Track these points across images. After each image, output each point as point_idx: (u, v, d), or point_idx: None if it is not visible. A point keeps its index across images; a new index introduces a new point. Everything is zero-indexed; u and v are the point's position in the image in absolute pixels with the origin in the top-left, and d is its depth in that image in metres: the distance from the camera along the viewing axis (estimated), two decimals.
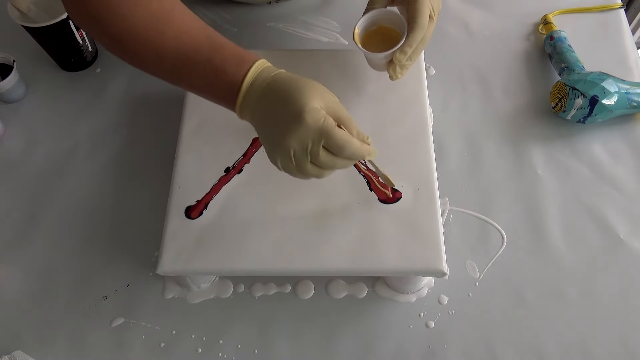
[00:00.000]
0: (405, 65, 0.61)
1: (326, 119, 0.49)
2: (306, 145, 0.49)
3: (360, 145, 0.51)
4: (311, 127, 0.48)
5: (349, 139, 0.50)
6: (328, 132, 0.48)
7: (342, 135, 0.49)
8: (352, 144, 0.50)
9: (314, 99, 0.49)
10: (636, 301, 0.64)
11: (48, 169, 0.74)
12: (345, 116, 0.51)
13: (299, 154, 0.49)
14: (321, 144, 0.49)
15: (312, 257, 0.58)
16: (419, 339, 0.62)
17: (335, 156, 0.50)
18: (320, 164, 0.50)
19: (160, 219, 0.61)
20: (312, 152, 0.49)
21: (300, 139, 0.49)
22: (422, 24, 0.58)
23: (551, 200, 0.70)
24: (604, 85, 0.70)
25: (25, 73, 0.80)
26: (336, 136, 0.49)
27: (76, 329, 0.64)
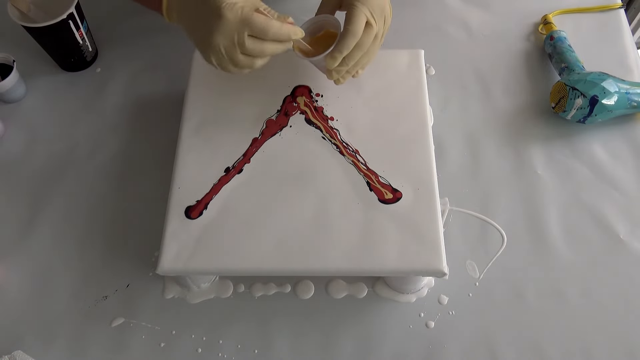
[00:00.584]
0: (339, 71, 0.61)
1: (243, 9, 0.53)
2: (232, 38, 0.53)
3: (282, 25, 0.55)
4: (231, 20, 0.52)
5: (269, 20, 0.54)
6: (248, 20, 0.53)
7: (262, 19, 0.53)
8: (273, 25, 0.54)
9: None
10: (636, 301, 0.64)
11: (48, 169, 0.74)
12: (262, 5, 0.55)
13: (228, 47, 0.54)
14: (245, 34, 0.53)
15: (312, 257, 0.58)
16: (419, 339, 0.62)
17: (261, 40, 0.54)
18: (250, 52, 0.55)
19: (160, 219, 0.61)
20: (239, 42, 0.54)
21: (226, 33, 0.53)
22: (353, 30, 0.57)
23: (551, 200, 0.70)
24: (604, 85, 0.70)
25: (25, 73, 0.80)
26: (256, 21, 0.53)
27: (76, 329, 0.64)
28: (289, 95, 0.68)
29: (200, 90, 0.69)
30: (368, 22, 0.59)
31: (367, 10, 0.58)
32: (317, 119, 0.66)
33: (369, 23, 0.59)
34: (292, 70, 0.70)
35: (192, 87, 0.69)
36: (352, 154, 0.64)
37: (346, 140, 0.65)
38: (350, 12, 0.58)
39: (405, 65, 0.70)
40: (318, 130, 0.66)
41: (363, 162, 0.63)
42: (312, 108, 0.67)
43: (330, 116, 0.67)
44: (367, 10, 0.58)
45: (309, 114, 0.67)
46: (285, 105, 0.68)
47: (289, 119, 0.66)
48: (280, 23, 0.55)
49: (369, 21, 0.59)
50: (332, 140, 0.65)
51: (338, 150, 0.64)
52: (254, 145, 0.65)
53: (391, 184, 0.62)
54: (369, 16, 0.58)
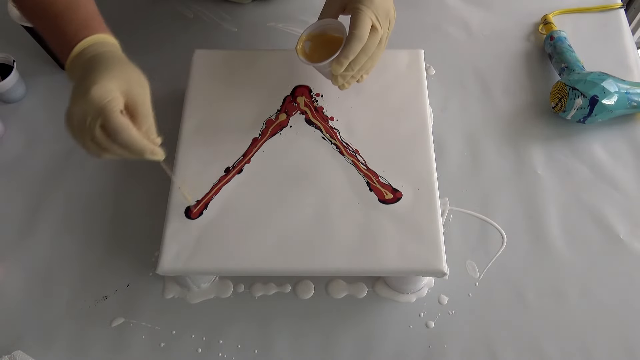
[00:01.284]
0: (345, 76, 0.60)
1: (111, 101, 0.49)
2: (85, 118, 0.49)
3: (138, 138, 0.50)
4: (92, 102, 0.49)
5: (127, 126, 0.49)
6: (107, 112, 0.49)
7: (120, 122, 0.49)
8: (128, 132, 0.49)
9: (114, 79, 0.50)
10: (636, 301, 0.64)
11: (48, 169, 0.74)
12: (142, 110, 0.52)
13: (78, 124, 0.50)
14: (97, 123, 0.49)
15: (312, 257, 0.58)
16: (419, 339, 0.62)
17: (111, 140, 0.50)
18: (97, 142, 0.50)
19: (160, 219, 0.61)
20: (89, 127, 0.49)
21: (82, 109, 0.49)
22: (359, 35, 0.57)
23: (551, 200, 0.70)
24: (604, 85, 0.70)
25: (25, 73, 0.80)
26: (113, 120, 0.49)
27: (76, 329, 0.64)
28: (289, 95, 0.68)
29: (200, 90, 0.69)
30: (373, 26, 0.58)
31: (373, 13, 0.57)
32: (317, 119, 0.66)
33: (374, 27, 0.58)
34: (292, 70, 0.70)
35: (192, 87, 0.69)
36: (352, 154, 0.64)
37: (346, 140, 0.65)
38: (356, 16, 0.57)
39: (405, 65, 0.70)
40: (318, 130, 0.66)
41: (363, 162, 0.63)
42: (312, 108, 0.67)
43: (330, 116, 0.67)
44: (373, 13, 0.57)
45: (309, 114, 0.67)
46: (285, 105, 0.68)
47: (289, 119, 0.66)
48: (140, 136, 0.50)
49: (374, 25, 0.58)
50: (332, 140, 0.65)
51: (338, 150, 0.64)
52: (254, 145, 0.65)
53: (391, 184, 0.62)
54: (374, 20, 0.57)
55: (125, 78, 0.51)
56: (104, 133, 0.50)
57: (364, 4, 0.57)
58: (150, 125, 0.53)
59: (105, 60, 0.52)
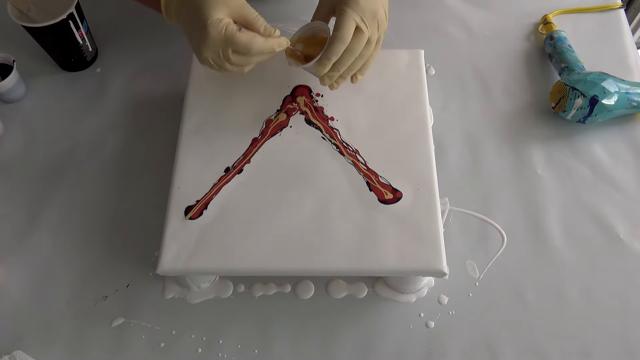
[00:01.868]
0: (332, 76, 0.61)
1: (227, 28, 0.55)
2: (217, 52, 0.56)
3: (265, 41, 0.56)
4: (216, 38, 0.55)
5: (251, 39, 0.56)
6: (231, 39, 0.55)
7: (245, 39, 0.55)
8: (255, 44, 0.56)
9: (216, 9, 0.55)
10: (636, 301, 0.64)
11: (48, 169, 0.74)
12: (251, 16, 0.57)
13: (215, 60, 0.57)
14: (229, 50, 0.56)
15: (312, 257, 0.58)
16: (419, 339, 0.62)
17: (245, 55, 0.57)
18: (236, 64, 0.58)
19: (160, 219, 0.61)
20: (224, 57, 0.57)
21: (211, 49, 0.56)
22: (341, 36, 0.57)
23: (551, 200, 0.70)
24: (604, 85, 0.70)
25: (25, 73, 0.80)
26: (239, 41, 0.55)
27: (76, 329, 0.64)
28: (288, 95, 0.68)
29: (200, 90, 0.69)
30: (358, 28, 0.58)
31: (357, 15, 0.58)
32: (317, 119, 0.66)
33: (359, 28, 0.58)
34: (292, 70, 0.70)
35: (192, 87, 0.69)
36: (352, 154, 0.64)
37: (346, 140, 0.65)
38: (339, 18, 0.58)
39: (405, 65, 0.70)
40: (318, 130, 0.66)
41: (363, 162, 0.63)
42: (312, 108, 0.67)
43: (330, 116, 0.67)
44: (357, 15, 0.58)
45: (309, 114, 0.67)
46: (285, 105, 0.68)
47: (289, 119, 0.66)
48: (264, 39, 0.56)
49: (359, 26, 0.58)
50: (332, 140, 0.65)
51: (338, 151, 0.64)
52: (254, 145, 0.65)
53: (391, 184, 0.62)
54: (358, 21, 0.58)
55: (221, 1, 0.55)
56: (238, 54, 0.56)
57: (349, 5, 0.58)
58: (264, 26, 0.57)
59: None
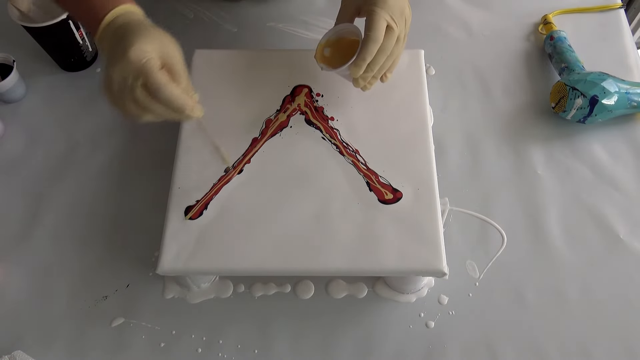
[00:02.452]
0: (365, 77, 0.61)
1: (150, 60, 0.51)
2: (125, 79, 0.51)
3: (179, 94, 0.52)
4: (132, 62, 0.50)
5: (168, 83, 0.51)
6: (147, 71, 0.50)
7: (161, 78, 0.51)
8: (170, 89, 0.51)
9: (148, 42, 0.51)
10: (636, 301, 0.64)
11: (48, 169, 0.74)
12: (178, 68, 0.53)
13: (118, 86, 0.51)
14: (139, 82, 0.51)
15: (312, 257, 0.58)
16: (419, 339, 0.62)
17: (153, 99, 0.52)
18: (139, 103, 0.52)
19: (160, 219, 0.61)
20: (130, 87, 0.51)
21: (121, 72, 0.51)
22: (375, 36, 0.57)
23: (551, 200, 0.70)
24: (604, 85, 0.70)
25: (25, 73, 0.80)
26: (154, 77, 0.50)
27: (76, 329, 0.64)
28: (288, 95, 0.68)
29: (200, 90, 0.68)
30: (389, 26, 0.58)
31: (387, 14, 0.58)
32: (317, 119, 0.66)
33: (390, 26, 0.58)
34: (292, 70, 0.70)
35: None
36: (352, 154, 0.64)
37: (346, 141, 0.65)
38: (370, 17, 0.58)
39: (405, 65, 0.70)
40: (318, 130, 0.66)
41: (363, 162, 0.63)
42: (312, 108, 0.67)
43: (330, 116, 0.67)
44: (387, 14, 0.58)
45: (309, 114, 0.67)
46: (285, 105, 0.68)
47: (289, 119, 0.66)
48: (180, 92, 0.52)
49: (390, 25, 0.58)
50: (332, 140, 0.65)
51: (338, 151, 0.64)
52: (254, 145, 0.65)
53: (391, 184, 0.62)
54: (389, 20, 0.58)
55: (158, 39, 0.52)
56: (145, 92, 0.51)
57: (378, 5, 0.57)
58: (187, 83, 0.55)
59: (136, 26, 0.53)
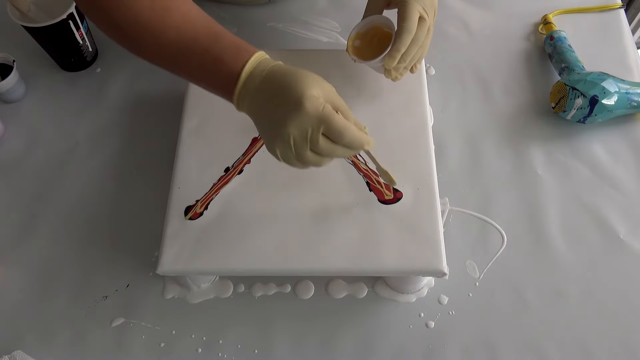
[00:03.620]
0: (398, 68, 0.62)
1: (325, 106, 0.49)
2: (306, 132, 0.49)
3: (359, 132, 0.51)
4: (311, 114, 0.48)
5: (348, 125, 0.50)
6: (328, 118, 0.48)
7: (342, 122, 0.49)
8: (351, 130, 0.50)
9: (312, 87, 0.49)
10: (636, 301, 0.64)
11: (48, 169, 0.74)
12: (342, 105, 0.52)
13: (298, 141, 0.49)
14: (320, 131, 0.49)
15: (312, 257, 0.58)
16: (419, 339, 0.62)
17: (334, 143, 0.50)
18: (320, 151, 0.50)
19: (160, 219, 0.61)
20: (311, 139, 0.49)
21: (300, 125, 0.48)
22: (408, 27, 0.58)
23: (551, 200, 0.70)
24: (604, 85, 0.70)
25: (25, 73, 0.80)
26: (336, 122, 0.49)
27: (76, 329, 0.64)
28: None
29: (200, 90, 0.69)
30: (421, 17, 0.59)
31: (420, 5, 0.59)
32: None
33: (422, 17, 0.59)
34: None
35: (192, 87, 0.69)
36: None
37: None
38: (404, 8, 0.58)
39: None
40: None
41: (363, 162, 0.63)
42: None
43: None
44: (420, 5, 0.59)
45: None
46: None
47: None
48: (358, 130, 0.51)
49: (422, 15, 0.59)
50: None
51: None
52: (254, 145, 0.65)
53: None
54: (421, 11, 0.59)
55: (315, 81, 0.50)
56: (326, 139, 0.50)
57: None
58: (354, 118, 0.53)
59: (286, 73, 0.50)
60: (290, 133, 0.49)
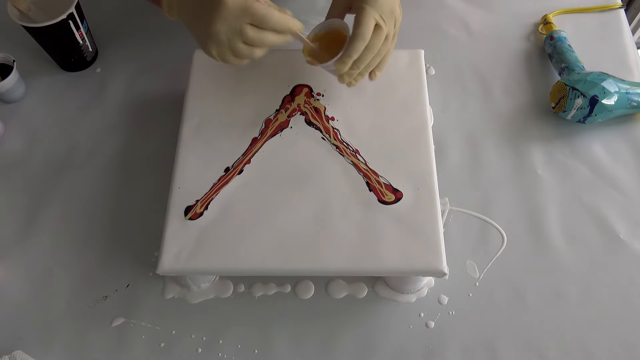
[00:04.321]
0: (351, 74, 0.61)
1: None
2: (232, 25, 0.52)
3: (281, 15, 0.54)
4: (232, 7, 0.51)
5: (270, 10, 0.53)
6: (249, 7, 0.52)
7: (263, 7, 0.53)
8: (274, 14, 0.53)
9: None
10: (636, 301, 0.64)
11: (48, 169, 0.74)
12: None
13: (229, 35, 0.53)
14: (246, 21, 0.52)
15: (312, 257, 0.58)
16: (419, 339, 0.62)
17: (262, 30, 0.54)
18: (250, 41, 0.54)
19: (160, 219, 0.61)
20: (240, 30, 0.53)
21: (226, 20, 0.52)
22: (361, 34, 0.57)
23: (551, 200, 0.70)
24: (604, 85, 0.70)
25: (25, 73, 0.80)
26: (258, 8, 0.52)
27: (76, 329, 0.64)
28: (288, 95, 0.68)
29: (200, 90, 0.69)
30: (377, 24, 0.58)
31: (376, 12, 0.58)
32: (317, 119, 0.66)
33: (379, 25, 0.58)
34: (292, 70, 0.70)
35: (192, 87, 0.69)
36: (353, 154, 0.64)
37: (346, 141, 0.65)
38: (359, 15, 0.58)
39: (405, 65, 0.70)
40: (318, 130, 0.66)
41: (363, 162, 0.63)
42: (312, 108, 0.67)
43: (330, 116, 0.67)
44: (376, 12, 0.58)
45: (309, 114, 0.67)
46: (285, 105, 0.68)
47: (289, 120, 0.66)
48: (281, 14, 0.54)
49: (379, 23, 0.58)
50: (332, 140, 0.65)
51: (338, 151, 0.64)
52: (254, 145, 0.65)
53: (391, 184, 0.62)
54: (377, 18, 0.58)
55: None
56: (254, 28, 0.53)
57: (368, 3, 0.57)
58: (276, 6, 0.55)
59: None
60: (219, 31, 0.52)
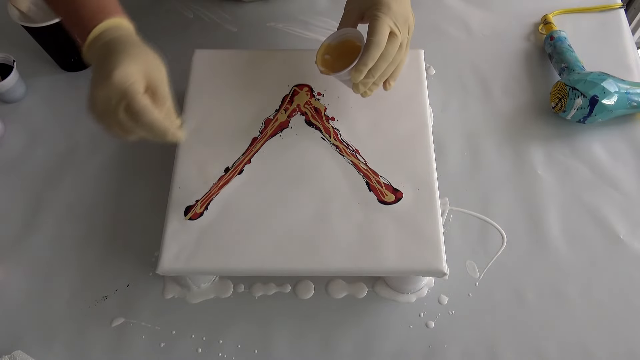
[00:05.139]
0: (366, 83, 0.60)
1: (134, 84, 0.51)
2: (109, 100, 0.51)
3: (161, 119, 0.52)
4: (115, 85, 0.50)
5: (150, 109, 0.51)
6: (129, 95, 0.50)
7: (144, 104, 0.51)
8: (150, 114, 0.51)
9: (133, 63, 0.51)
10: (636, 301, 0.64)
11: (48, 168, 0.74)
12: (162, 92, 0.54)
13: (102, 106, 0.52)
14: (121, 105, 0.51)
15: (312, 257, 0.58)
16: (419, 339, 0.62)
17: (134, 121, 0.52)
18: (122, 125, 0.52)
19: (160, 219, 0.61)
20: (114, 110, 0.51)
21: (105, 93, 0.51)
22: (377, 42, 0.57)
23: (551, 200, 0.70)
24: (604, 85, 0.70)
25: (25, 73, 0.80)
26: (137, 102, 0.50)
27: (76, 329, 0.64)
28: (288, 95, 0.68)
29: (200, 90, 0.69)
30: (392, 32, 0.58)
31: (391, 20, 0.57)
32: (317, 120, 0.66)
33: (393, 33, 0.58)
34: (292, 70, 0.70)
35: (192, 87, 0.69)
36: (352, 154, 0.64)
37: (346, 141, 0.65)
38: (373, 23, 0.57)
39: (405, 65, 0.70)
40: (318, 130, 0.66)
41: (363, 162, 0.63)
42: (312, 108, 0.67)
43: (330, 116, 0.67)
44: (391, 20, 0.57)
45: (309, 114, 0.67)
46: (285, 105, 0.68)
47: (289, 120, 0.66)
48: (162, 118, 0.52)
49: (393, 31, 0.58)
50: (332, 140, 0.65)
51: (338, 151, 0.64)
52: (254, 145, 0.65)
53: (391, 184, 0.62)
54: (392, 26, 0.57)
55: (143, 61, 0.52)
56: (128, 115, 0.51)
57: (382, 11, 0.57)
58: (169, 107, 0.54)
59: (122, 44, 0.53)
60: (96, 97, 0.51)
